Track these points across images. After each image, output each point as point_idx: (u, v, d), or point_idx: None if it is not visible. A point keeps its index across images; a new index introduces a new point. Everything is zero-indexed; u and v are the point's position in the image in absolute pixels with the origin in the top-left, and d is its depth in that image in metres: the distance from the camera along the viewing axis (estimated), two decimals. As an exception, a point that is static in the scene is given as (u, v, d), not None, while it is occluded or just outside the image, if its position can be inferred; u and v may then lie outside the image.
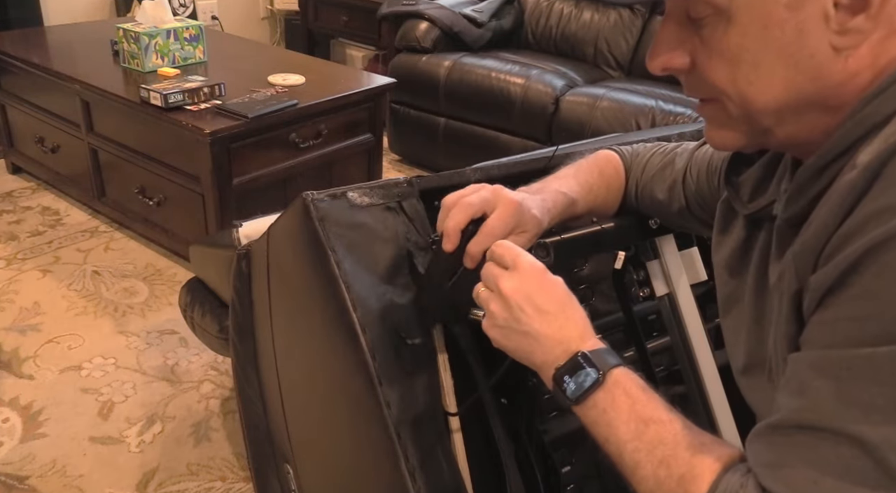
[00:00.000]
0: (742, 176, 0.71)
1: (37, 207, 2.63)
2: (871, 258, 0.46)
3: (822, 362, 0.50)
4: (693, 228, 0.94)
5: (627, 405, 0.62)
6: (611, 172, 0.95)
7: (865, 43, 0.52)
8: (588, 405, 0.63)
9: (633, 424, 0.61)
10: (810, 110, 0.56)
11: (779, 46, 0.53)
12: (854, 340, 0.47)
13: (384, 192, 0.86)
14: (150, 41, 2.35)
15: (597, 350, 0.65)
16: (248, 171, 2.11)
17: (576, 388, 0.63)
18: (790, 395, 0.52)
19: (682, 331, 1.01)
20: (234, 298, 1.11)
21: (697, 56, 0.58)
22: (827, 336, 0.50)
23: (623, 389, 0.63)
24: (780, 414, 0.53)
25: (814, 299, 0.52)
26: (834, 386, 0.48)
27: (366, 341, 0.77)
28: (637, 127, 2.47)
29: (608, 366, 0.64)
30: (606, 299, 1.00)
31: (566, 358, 0.65)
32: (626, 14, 3.09)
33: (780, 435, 0.52)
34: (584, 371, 0.63)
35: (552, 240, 0.90)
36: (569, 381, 0.64)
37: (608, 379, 0.63)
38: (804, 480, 0.49)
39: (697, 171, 0.87)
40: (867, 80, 0.53)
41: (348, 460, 0.91)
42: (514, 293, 0.68)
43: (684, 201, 0.89)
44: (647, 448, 0.59)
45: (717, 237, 0.76)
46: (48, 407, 1.71)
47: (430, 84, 2.91)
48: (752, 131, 0.60)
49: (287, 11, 4.20)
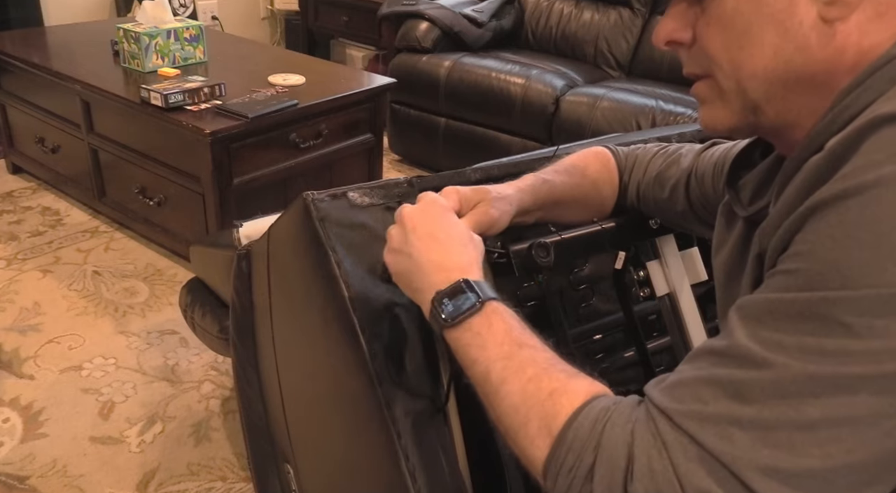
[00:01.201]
0: (743, 179, 0.72)
1: (37, 208, 2.63)
2: (814, 215, 0.48)
3: (750, 307, 0.51)
4: (695, 229, 0.94)
5: (503, 330, 0.63)
6: (597, 167, 0.95)
7: (853, 17, 0.54)
8: (463, 328, 0.64)
9: (507, 346, 0.61)
10: (797, 86, 0.57)
11: (770, 12, 0.56)
12: (782, 287, 0.49)
13: (384, 192, 0.86)
14: (150, 41, 2.35)
15: (480, 281, 0.66)
16: (248, 171, 2.12)
17: (453, 310, 0.64)
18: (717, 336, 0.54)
19: (682, 331, 1.01)
20: (234, 298, 1.11)
21: (698, 27, 0.61)
22: (764, 285, 0.52)
23: (501, 316, 0.64)
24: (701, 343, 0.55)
25: (770, 261, 0.54)
26: (752, 325, 0.50)
27: (366, 341, 0.77)
28: (637, 127, 2.47)
29: (489, 296, 0.65)
30: (607, 299, 1.00)
31: (448, 284, 0.66)
32: (626, 14, 3.09)
33: (685, 362, 0.54)
34: (465, 295, 0.65)
35: (552, 240, 0.90)
36: (447, 303, 0.65)
37: (487, 306, 0.64)
38: (691, 394, 0.50)
39: (702, 173, 0.87)
40: (852, 62, 0.55)
41: (348, 460, 0.91)
42: (409, 219, 0.71)
43: (688, 202, 0.89)
44: (518, 366, 0.60)
45: (718, 239, 0.76)
46: (48, 407, 1.71)
47: (430, 84, 2.91)
48: (742, 107, 0.61)
49: (287, 11, 4.20)
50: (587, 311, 0.98)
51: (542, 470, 0.56)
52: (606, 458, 0.51)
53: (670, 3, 0.63)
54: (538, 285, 0.92)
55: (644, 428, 0.51)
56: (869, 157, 0.47)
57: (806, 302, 0.47)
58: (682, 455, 0.49)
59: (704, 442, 0.48)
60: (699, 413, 0.49)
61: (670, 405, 0.51)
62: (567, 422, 0.54)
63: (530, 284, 0.92)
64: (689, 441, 0.49)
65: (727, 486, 0.47)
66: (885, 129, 0.47)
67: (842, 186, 0.47)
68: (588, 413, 0.54)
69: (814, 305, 0.47)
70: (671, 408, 0.50)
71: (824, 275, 0.47)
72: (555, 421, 0.55)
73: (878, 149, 0.47)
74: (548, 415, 0.56)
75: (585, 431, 0.53)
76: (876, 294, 0.45)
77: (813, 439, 0.46)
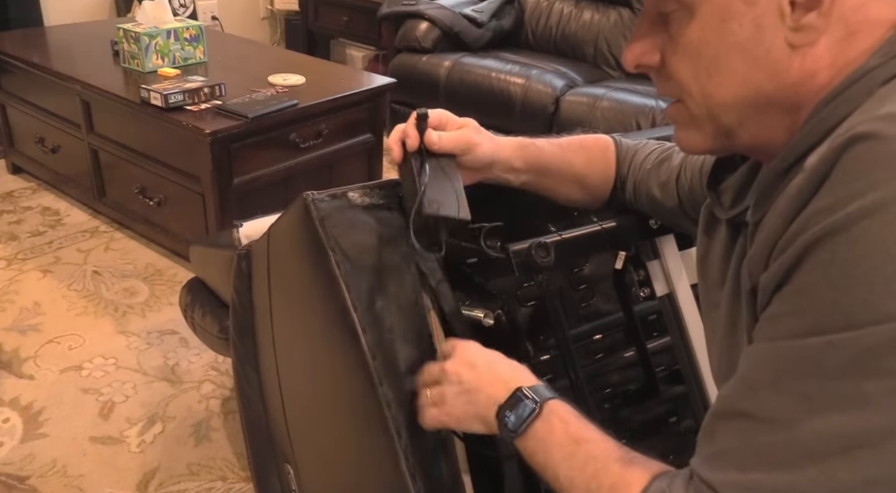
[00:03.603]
0: (724, 183, 0.72)
1: (37, 208, 2.63)
2: (808, 255, 0.48)
3: (762, 354, 0.52)
4: (686, 227, 0.93)
5: (561, 429, 0.65)
6: (596, 151, 0.95)
7: (822, 42, 0.53)
8: (528, 436, 0.67)
9: (567, 445, 0.64)
10: (770, 110, 0.57)
11: (736, 41, 0.55)
12: (791, 332, 0.49)
13: (384, 192, 0.86)
14: (150, 41, 2.35)
15: (534, 386, 0.69)
16: (248, 171, 2.11)
17: (516, 420, 0.67)
18: (733, 382, 0.54)
19: (682, 331, 1.02)
20: (234, 298, 1.11)
21: (666, 53, 0.60)
22: (769, 330, 0.52)
23: (558, 416, 0.67)
24: (720, 401, 0.55)
25: (764, 297, 0.53)
26: (771, 377, 0.50)
27: (366, 341, 0.77)
28: (637, 127, 2.47)
29: (545, 397, 0.68)
30: (607, 299, 1.00)
31: (507, 395, 0.69)
32: (626, 14, 3.09)
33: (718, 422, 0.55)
34: (523, 403, 0.68)
35: (552, 240, 0.90)
36: (510, 415, 0.68)
37: (545, 408, 0.67)
38: (733, 466, 0.51)
39: (691, 172, 0.87)
40: (825, 81, 0.54)
41: (349, 459, 0.91)
42: (450, 366, 0.74)
43: (678, 200, 0.89)
44: (580, 465, 0.62)
45: (701, 240, 0.76)
46: (48, 407, 1.71)
47: (430, 84, 2.91)
48: (715, 132, 0.61)
49: (287, 11, 4.20)
50: (587, 311, 0.98)
51: None
52: None
53: (637, 23, 0.62)
54: (538, 285, 0.92)
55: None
56: (850, 185, 0.46)
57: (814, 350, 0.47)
58: None
59: None
60: (740, 484, 0.51)
61: (714, 476, 0.52)
62: None
63: (530, 284, 0.92)
64: None
65: None
66: (859, 146, 0.47)
67: (826, 224, 0.47)
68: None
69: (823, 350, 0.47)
70: (715, 480, 0.52)
71: (827, 317, 0.47)
72: None
73: (856, 173, 0.46)
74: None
75: None
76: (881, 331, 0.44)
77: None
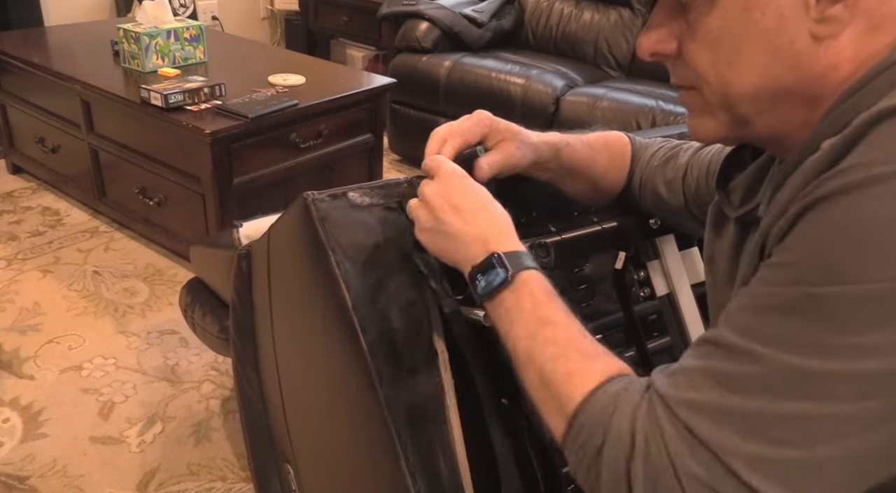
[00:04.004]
0: (734, 181, 0.72)
1: (37, 208, 2.63)
2: (807, 212, 0.49)
3: (744, 296, 0.53)
4: (690, 227, 0.93)
5: (530, 305, 0.65)
6: (617, 148, 0.95)
7: (845, 34, 0.53)
8: (495, 303, 0.67)
9: (532, 323, 0.64)
10: (789, 100, 0.57)
11: (759, 30, 0.55)
12: (774, 280, 0.50)
13: (384, 192, 0.86)
14: (150, 41, 2.35)
15: (512, 252, 0.68)
16: (248, 171, 2.11)
17: (485, 285, 0.67)
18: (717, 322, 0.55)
19: (682, 331, 1.02)
20: (234, 298, 1.11)
21: (684, 41, 0.60)
22: (758, 277, 0.53)
23: (529, 290, 0.66)
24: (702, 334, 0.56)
25: (767, 253, 0.54)
26: (746, 316, 0.51)
27: (366, 341, 0.77)
28: (637, 127, 2.47)
29: (519, 267, 0.67)
30: (607, 299, 1.00)
31: (482, 257, 0.68)
32: (627, 14, 3.09)
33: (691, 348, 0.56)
34: (495, 271, 0.67)
35: (552, 240, 0.90)
36: (480, 279, 0.68)
37: (516, 280, 0.66)
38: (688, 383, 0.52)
39: (697, 171, 0.87)
40: (847, 74, 0.54)
41: (349, 459, 0.91)
42: (434, 196, 0.73)
43: (683, 199, 0.89)
44: (540, 346, 0.62)
45: (708, 239, 0.76)
46: (48, 407, 1.71)
47: (430, 84, 2.91)
48: (731, 121, 0.61)
49: (287, 11, 4.20)
50: (587, 311, 0.98)
51: (560, 443, 0.60)
52: (613, 439, 0.55)
53: (652, 12, 0.62)
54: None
55: (645, 414, 0.54)
56: (865, 155, 0.47)
57: (791, 297, 0.48)
58: (676, 441, 0.51)
59: (696, 430, 0.50)
60: (693, 401, 0.51)
61: (669, 392, 0.53)
62: (580, 405, 0.58)
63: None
64: (683, 428, 0.51)
65: (716, 473, 0.49)
66: (887, 122, 0.47)
67: (835, 184, 0.47)
68: (600, 397, 0.57)
69: (799, 300, 0.48)
70: (669, 395, 0.53)
71: (811, 271, 0.48)
72: (569, 403, 0.59)
73: (877, 146, 0.47)
74: (563, 396, 0.59)
75: (596, 414, 0.57)
76: (856, 291, 0.45)
77: (795, 431, 0.47)
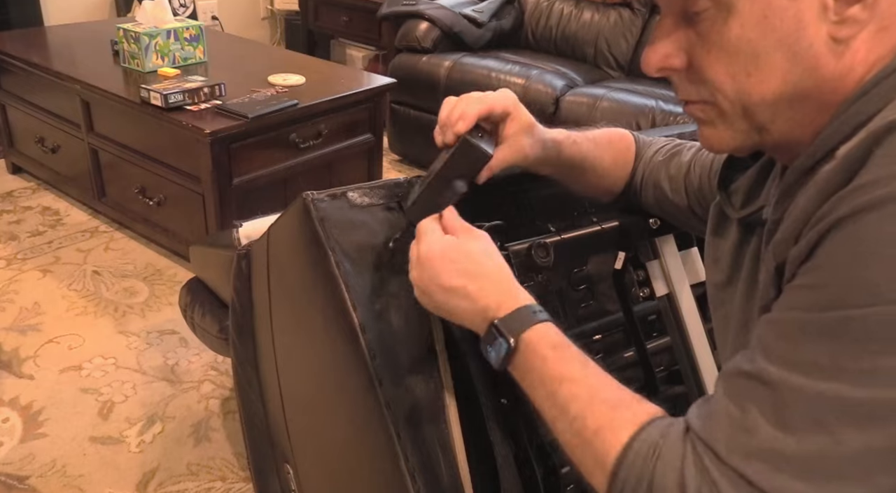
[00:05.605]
0: (735, 183, 0.72)
1: (37, 207, 2.63)
2: (836, 230, 0.48)
3: (778, 323, 0.52)
4: (691, 226, 0.93)
5: (539, 368, 0.63)
6: (621, 146, 0.95)
7: (861, 35, 0.53)
8: (511, 369, 0.66)
9: (548, 383, 0.62)
10: (804, 105, 0.57)
11: (778, 36, 0.54)
12: (809, 304, 0.49)
13: (384, 192, 0.86)
14: (150, 41, 2.35)
15: (512, 313, 0.66)
16: (248, 171, 2.11)
17: (495, 356, 0.66)
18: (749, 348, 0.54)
19: (682, 331, 1.01)
20: (234, 298, 1.11)
21: (694, 53, 0.58)
22: (787, 301, 0.52)
23: (535, 351, 0.64)
24: (727, 366, 0.55)
25: (791, 270, 0.53)
26: (783, 345, 0.50)
27: (366, 341, 0.77)
28: (637, 127, 2.47)
29: (521, 330, 0.65)
30: (606, 299, 1.00)
31: (484, 329, 0.67)
32: (627, 14, 3.09)
33: (723, 385, 0.54)
34: (498, 341, 0.65)
35: (552, 240, 0.90)
36: (490, 350, 0.66)
37: (521, 344, 0.64)
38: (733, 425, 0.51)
39: (700, 169, 0.87)
40: (860, 76, 0.54)
41: (348, 460, 0.91)
42: (422, 281, 0.71)
43: (685, 196, 0.89)
44: (562, 405, 0.60)
45: (710, 239, 0.76)
46: (48, 407, 1.71)
47: (430, 84, 2.91)
48: (748, 129, 0.60)
49: (287, 11, 4.20)
50: (587, 311, 0.98)
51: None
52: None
53: (657, 25, 0.61)
54: (538, 285, 0.92)
55: (693, 465, 0.52)
56: (884, 169, 0.46)
57: (830, 322, 0.47)
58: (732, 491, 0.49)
59: (751, 478, 0.49)
60: (743, 447, 0.49)
61: (713, 437, 0.51)
62: (617, 461, 0.55)
63: (530, 284, 0.92)
64: (737, 477, 0.49)
65: None
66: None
67: (860, 201, 0.47)
68: (636, 449, 0.55)
69: (839, 324, 0.47)
70: (714, 440, 0.51)
71: (847, 292, 0.47)
72: (606, 459, 0.56)
73: (893, 158, 0.46)
74: (598, 454, 0.57)
75: (637, 469, 0.54)
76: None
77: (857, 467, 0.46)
